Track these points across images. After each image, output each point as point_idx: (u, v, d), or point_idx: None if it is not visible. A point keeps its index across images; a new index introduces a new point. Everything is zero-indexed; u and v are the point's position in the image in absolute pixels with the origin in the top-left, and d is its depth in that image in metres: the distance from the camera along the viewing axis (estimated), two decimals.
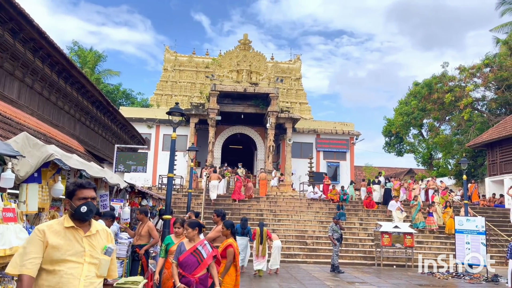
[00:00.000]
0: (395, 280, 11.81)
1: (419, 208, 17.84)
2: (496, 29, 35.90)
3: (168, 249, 5.46)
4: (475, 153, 28.63)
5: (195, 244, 4.69)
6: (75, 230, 2.59)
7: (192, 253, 4.63)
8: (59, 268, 2.47)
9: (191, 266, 4.57)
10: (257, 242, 11.68)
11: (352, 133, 29.65)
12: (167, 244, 5.51)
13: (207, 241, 4.95)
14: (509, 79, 27.47)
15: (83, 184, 2.67)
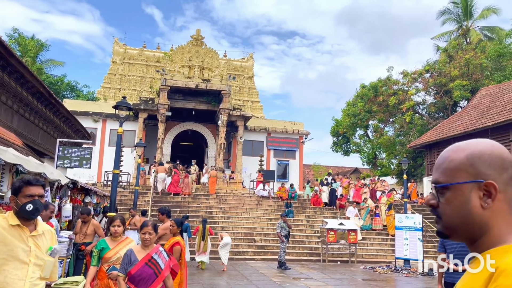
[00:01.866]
0: (339, 275, 12.23)
1: (368, 211, 18.44)
2: (437, 37, 38.21)
3: (102, 255, 4.47)
4: (415, 154, 30.27)
5: (149, 252, 3.79)
6: (21, 228, 2.46)
7: (147, 263, 3.72)
8: (3, 268, 2.35)
9: (147, 281, 3.66)
10: (199, 238, 12.02)
11: (302, 132, 30.26)
12: (101, 250, 4.50)
13: None
14: (447, 85, 29.28)
15: (30, 181, 2.53)
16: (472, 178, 0.99)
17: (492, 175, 0.99)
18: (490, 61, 28.99)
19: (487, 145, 1.03)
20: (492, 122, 19.67)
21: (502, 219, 0.99)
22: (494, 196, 0.98)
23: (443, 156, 1.07)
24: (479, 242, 1.00)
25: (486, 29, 35.72)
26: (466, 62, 28.99)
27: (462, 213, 1.00)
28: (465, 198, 1.00)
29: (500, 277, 0.86)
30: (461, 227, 1.02)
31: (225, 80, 25.11)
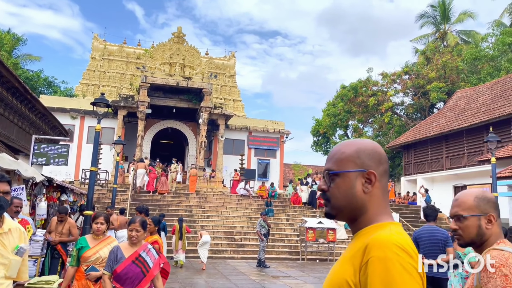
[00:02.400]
0: (318, 273, 12.36)
1: None
2: (415, 40, 38.96)
3: (81, 254, 4.14)
4: (393, 154, 30.80)
5: (136, 250, 3.60)
6: None
7: (134, 261, 3.52)
8: None
9: (134, 280, 3.46)
10: (177, 237, 12.09)
11: (283, 131, 30.40)
12: (80, 249, 4.17)
13: None
14: (425, 86, 29.90)
15: None
16: (358, 168, 1.22)
17: (372, 167, 1.22)
18: (466, 64, 29.73)
19: (370, 143, 1.27)
20: (467, 123, 20.19)
21: (377, 202, 1.22)
22: (373, 183, 1.21)
23: (336, 149, 1.28)
24: (358, 221, 1.23)
25: (462, 32, 36.63)
26: (443, 64, 29.66)
27: (348, 196, 1.21)
28: (351, 184, 1.21)
29: (371, 250, 1.08)
30: (346, 208, 1.23)
31: (207, 78, 25.01)
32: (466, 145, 20.86)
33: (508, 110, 17.82)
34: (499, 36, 29.96)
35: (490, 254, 1.71)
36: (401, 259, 1.05)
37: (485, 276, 1.67)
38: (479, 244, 1.81)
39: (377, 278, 1.05)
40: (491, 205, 1.81)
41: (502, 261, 1.66)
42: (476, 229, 1.79)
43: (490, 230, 1.79)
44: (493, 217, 1.80)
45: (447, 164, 22.06)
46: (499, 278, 1.63)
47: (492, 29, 34.24)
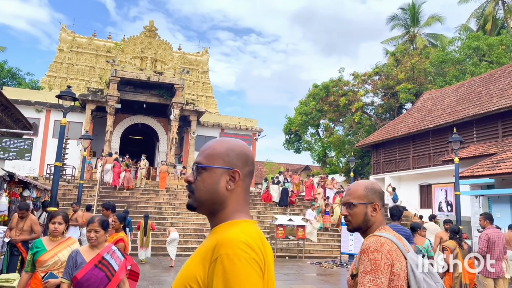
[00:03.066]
0: (287, 270, 12.46)
1: (319, 210, 18.81)
2: (386, 42, 39.86)
3: (36, 258, 3.67)
4: (363, 153, 31.40)
5: (99, 252, 3.25)
6: None
7: (97, 265, 3.17)
8: None
9: (98, 286, 3.11)
10: (141, 233, 12.10)
11: (255, 129, 30.44)
12: (35, 253, 3.69)
13: None
14: (394, 87, 30.61)
15: None
16: (226, 165, 1.28)
17: (238, 166, 1.30)
18: (434, 66, 30.63)
19: (240, 144, 1.35)
20: (433, 124, 20.82)
21: (236, 200, 1.29)
22: (237, 182, 1.29)
23: (209, 144, 1.35)
24: (217, 216, 1.29)
25: (431, 36, 37.74)
26: (411, 66, 30.45)
27: (211, 190, 1.27)
28: (216, 179, 1.28)
29: (220, 248, 1.14)
30: (208, 202, 1.28)
31: (179, 74, 24.69)
32: (432, 145, 21.51)
33: (471, 112, 18.48)
34: (465, 40, 31.02)
35: (369, 240, 1.85)
36: (246, 255, 1.13)
37: (360, 258, 1.82)
38: (365, 229, 1.98)
39: (221, 273, 1.11)
40: (377, 196, 1.99)
41: (377, 247, 1.80)
42: (363, 216, 1.96)
43: (374, 217, 1.96)
44: (378, 206, 1.98)
45: (414, 163, 22.70)
46: (369, 261, 1.77)
47: (459, 33, 35.44)
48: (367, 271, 1.77)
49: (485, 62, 28.90)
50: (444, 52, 31.54)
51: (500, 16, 34.12)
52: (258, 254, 1.16)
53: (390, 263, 1.78)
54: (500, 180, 13.87)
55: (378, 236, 1.86)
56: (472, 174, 14.15)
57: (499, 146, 16.25)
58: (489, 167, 13.78)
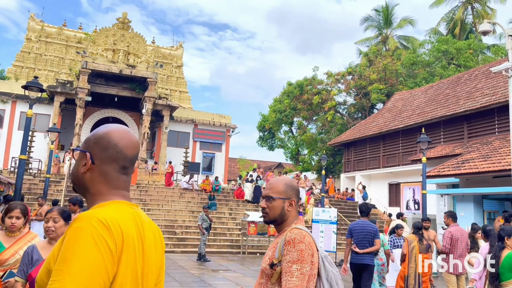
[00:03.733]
0: (257, 266, 12.50)
1: None
2: (359, 42, 40.53)
3: None
4: (334, 152, 31.87)
5: None
6: None
7: None
8: None
9: None
10: None
11: (229, 125, 30.35)
12: None
13: None
14: (366, 87, 31.18)
15: None
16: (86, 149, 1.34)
17: (95, 151, 1.33)
18: (405, 68, 31.39)
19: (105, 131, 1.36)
20: (403, 124, 21.34)
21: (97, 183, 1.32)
22: (90, 165, 1.31)
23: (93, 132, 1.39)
24: (86, 198, 1.34)
25: (402, 38, 38.64)
26: (383, 67, 31.09)
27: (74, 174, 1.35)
28: (78, 162, 1.35)
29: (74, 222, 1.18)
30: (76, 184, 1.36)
31: (152, 67, 24.29)
32: (401, 145, 22.05)
33: (439, 114, 19.05)
34: (435, 44, 31.93)
35: (293, 232, 1.99)
36: (95, 230, 1.12)
37: (286, 249, 1.93)
38: (280, 222, 2.12)
39: (64, 242, 1.14)
40: (294, 192, 2.15)
41: (301, 238, 1.95)
42: (280, 209, 2.10)
43: (290, 212, 2.11)
44: (294, 202, 2.13)
45: (384, 162, 23.21)
46: (296, 252, 1.91)
47: (429, 37, 36.44)
48: (293, 261, 1.89)
49: (453, 65, 29.85)
50: (415, 54, 32.37)
51: (469, 21, 35.29)
52: (112, 233, 1.14)
53: (311, 253, 1.94)
54: (464, 180, 14.37)
55: (299, 229, 2.01)
56: (439, 173, 14.60)
57: (465, 147, 16.84)
58: (455, 167, 14.25)
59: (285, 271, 1.90)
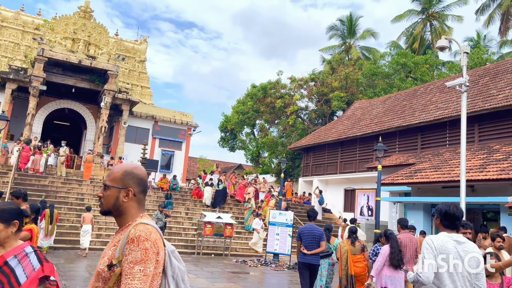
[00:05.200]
0: (211, 268, 12.38)
1: (251, 212, 18.65)
2: (323, 50, 41.36)
3: None
4: (294, 155, 32.28)
5: (3, 254, 2.27)
6: None
7: None
8: None
9: None
10: (47, 222, 12.22)
11: (191, 124, 29.96)
12: None
13: None
14: (328, 94, 31.83)
15: None
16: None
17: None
18: (365, 78, 32.32)
19: None
20: (361, 132, 21.94)
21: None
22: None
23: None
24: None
25: (364, 48, 39.82)
26: (345, 76, 31.87)
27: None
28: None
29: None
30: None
31: (113, 60, 23.56)
32: (358, 152, 22.65)
33: (396, 124, 19.74)
34: (395, 56, 33.12)
35: (138, 228, 1.78)
36: None
37: (128, 248, 1.73)
38: (117, 214, 1.92)
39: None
40: (134, 181, 1.94)
41: (146, 235, 1.75)
42: (114, 199, 1.90)
43: (126, 203, 1.90)
44: (131, 192, 1.91)
45: (341, 168, 23.75)
46: (140, 251, 1.71)
47: (390, 49, 37.77)
48: (136, 261, 1.70)
49: (411, 78, 31.08)
50: (375, 66, 33.44)
51: (427, 37, 36.90)
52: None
53: (156, 252, 1.77)
54: (416, 189, 14.96)
55: (145, 224, 1.82)
56: (392, 181, 15.10)
57: (418, 157, 17.53)
58: (407, 176, 14.80)
59: (125, 272, 1.69)
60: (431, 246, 3.04)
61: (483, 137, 15.77)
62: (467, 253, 3.02)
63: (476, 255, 3.04)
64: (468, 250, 3.03)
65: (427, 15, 35.82)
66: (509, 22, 30.98)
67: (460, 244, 3.05)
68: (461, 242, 3.07)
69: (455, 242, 3.05)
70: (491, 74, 18.60)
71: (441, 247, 3.02)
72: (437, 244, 3.04)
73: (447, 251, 3.00)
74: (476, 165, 12.92)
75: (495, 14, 31.73)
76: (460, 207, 3.24)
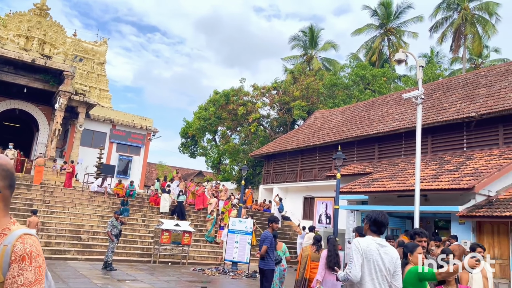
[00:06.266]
0: (168, 277, 12.03)
1: (214, 223, 18.21)
2: (286, 59, 41.94)
3: None
4: (255, 163, 32.31)
5: None
6: None
7: None
8: None
9: None
10: None
11: (150, 129, 29.29)
12: None
13: None
14: (289, 103, 32.21)
15: None
16: None
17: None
18: (326, 88, 33.01)
19: None
20: (320, 141, 22.29)
21: None
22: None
23: None
24: None
25: (325, 60, 40.75)
26: (307, 85, 32.40)
27: None
28: None
29: None
30: None
31: (70, 60, 22.65)
32: (318, 160, 22.98)
33: (354, 134, 20.22)
34: (354, 68, 34.11)
35: (26, 241, 1.44)
36: None
37: (16, 267, 1.39)
38: None
39: None
40: None
41: (38, 250, 1.45)
42: None
43: None
44: None
45: (301, 176, 23.99)
46: (33, 270, 1.41)
47: (350, 61, 38.89)
48: (31, 283, 1.39)
49: (369, 90, 32.08)
50: (335, 77, 34.26)
51: (385, 51, 38.31)
52: None
53: (45, 265, 1.51)
54: (373, 197, 15.31)
55: (30, 235, 1.48)
56: (350, 190, 15.39)
57: (375, 166, 18.00)
58: (365, 185, 15.14)
59: None
60: (358, 248, 3.41)
61: (436, 148, 16.45)
62: (387, 255, 3.40)
63: (394, 258, 3.43)
64: (388, 253, 3.42)
65: (385, 30, 37.22)
66: (460, 41, 32.78)
67: (382, 247, 3.44)
68: (383, 245, 3.46)
69: (378, 245, 3.43)
70: (443, 88, 19.50)
71: (366, 248, 3.40)
72: (363, 246, 3.41)
73: (370, 252, 3.38)
74: (429, 175, 13.41)
75: (448, 32, 33.49)
76: (387, 216, 3.66)
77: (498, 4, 31.48)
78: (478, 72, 20.07)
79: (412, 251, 4.02)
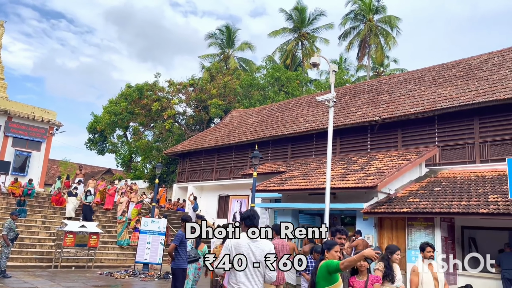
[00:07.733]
0: (71, 282, 11.13)
1: (126, 225, 17.15)
2: (203, 57, 41.60)
3: None
4: (169, 161, 31.47)
5: None
6: None
7: None
8: None
9: None
10: None
11: (53, 122, 26.91)
12: None
13: None
14: (206, 101, 31.96)
15: None
16: None
17: None
18: (242, 88, 33.36)
19: None
20: (237, 140, 22.45)
21: None
22: None
23: None
24: None
25: (242, 60, 41.23)
26: (223, 84, 32.43)
27: None
28: None
29: None
30: None
31: None
32: (234, 159, 23.12)
33: (269, 134, 20.70)
34: (270, 70, 35.00)
35: None
36: None
37: None
38: None
39: None
40: None
41: None
42: None
43: None
44: None
45: (216, 175, 23.92)
46: None
47: (265, 63, 39.83)
48: None
49: (283, 92, 33.15)
50: (251, 77, 34.83)
51: (299, 55, 39.92)
52: None
53: None
54: (286, 195, 15.79)
55: None
56: (265, 188, 15.69)
57: (288, 165, 18.61)
58: (279, 183, 15.55)
59: None
60: (228, 246, 3.69)
61: (343, 149, 17.53)
62: (257, 249, 3.66)
63: (266, 250, 3.68)
64: (259, 246, 3.68)
65: (299, 35, 38.78)
66: (365, 49, 35.43)
67: (254, 242, 3.68)
68: (255, 240, 3.69)
69: (249, 240, 3.67)
70: (351, 93, 20.86)
71: (236, 244, 3.66)
72: (233, 243, 3.68)
73: (241, 248, 3.63)
74: (338, 174, 14.21)
75: (355, 41, 36.00)
76: (255, 210, 4.24)
77: (399, 18, 34.65)
78: (381, 79, 21.84)
79: (330, 248, 4.17)
